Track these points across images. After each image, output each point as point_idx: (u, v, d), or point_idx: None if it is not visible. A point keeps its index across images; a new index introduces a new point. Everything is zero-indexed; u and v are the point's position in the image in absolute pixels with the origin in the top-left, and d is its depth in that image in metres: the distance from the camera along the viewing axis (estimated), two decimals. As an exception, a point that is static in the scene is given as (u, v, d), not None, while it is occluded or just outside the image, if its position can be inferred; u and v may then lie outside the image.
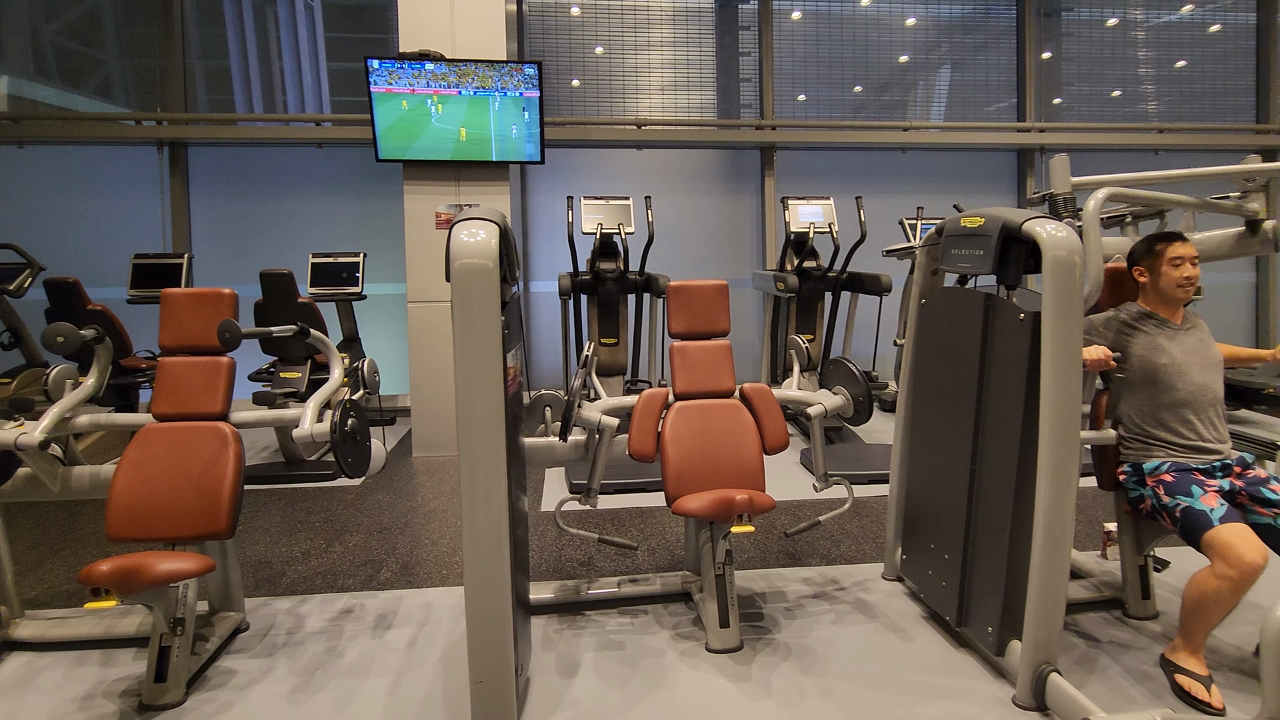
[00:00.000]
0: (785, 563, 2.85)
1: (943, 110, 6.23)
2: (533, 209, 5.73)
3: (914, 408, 2.45)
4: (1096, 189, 1.90)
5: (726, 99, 6.05)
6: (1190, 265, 2.10)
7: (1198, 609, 1.92)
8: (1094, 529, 3.05)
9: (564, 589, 2.50)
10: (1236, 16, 6.31)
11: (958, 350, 2.17)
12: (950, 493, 2.22)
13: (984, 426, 2.08)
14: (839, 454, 3.98)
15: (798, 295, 4.63)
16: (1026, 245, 1.91)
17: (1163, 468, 2.08)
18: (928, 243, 2.32)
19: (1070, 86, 6.31)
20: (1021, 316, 1.88)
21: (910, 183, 5.91)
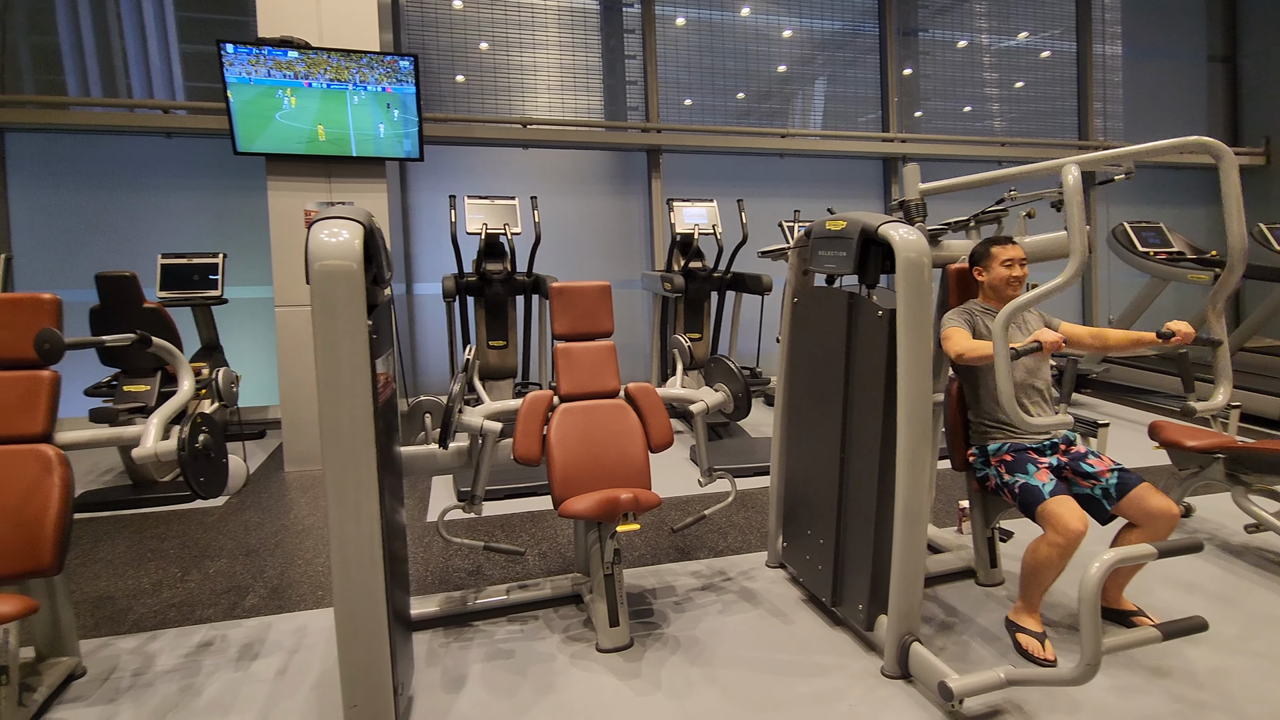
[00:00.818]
0: (675, 558, 2.90)
1: (819, 119, 6.58)
2: (415, 208, 5.51)
3: (790, 402, 2.57)
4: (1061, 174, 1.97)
5: (614, 101, 6.09)
6: (1019, 266, 2.34)
7: (1034, 573, 2.14)
8: (952, 507, 3.33)
9: (450, 601, 2.41)
10: (1063, 44, 7.10)
11: (826, 346, 2.30)
12: (823, 481, 2.35)
13: (851, 417, 2.22)
14: (726, 449, 4.11)
15: (685, 295, 4.74)
16: (883, 247, 2.05)
17: (1003, 449, 2.30)
18: (798, 245, 2.44)
19: (928, 101, 6.86)
20: (879, 314, 2.02)
21: (788, 187, 6.21)
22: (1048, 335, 2.03)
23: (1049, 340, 2.02)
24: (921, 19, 6.75)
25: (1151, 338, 2.23)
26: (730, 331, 5.06)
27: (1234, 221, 2.08)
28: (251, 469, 4.24)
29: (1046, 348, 2.03)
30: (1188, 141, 2.08)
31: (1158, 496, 2.13)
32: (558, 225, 5.71)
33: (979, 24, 6.89)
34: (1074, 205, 1.91)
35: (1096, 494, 2.21)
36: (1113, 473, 2.20)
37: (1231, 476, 2.81)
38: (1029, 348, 2.01)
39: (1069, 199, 1.91)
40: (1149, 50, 7.27)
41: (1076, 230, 1.88)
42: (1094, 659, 1.63)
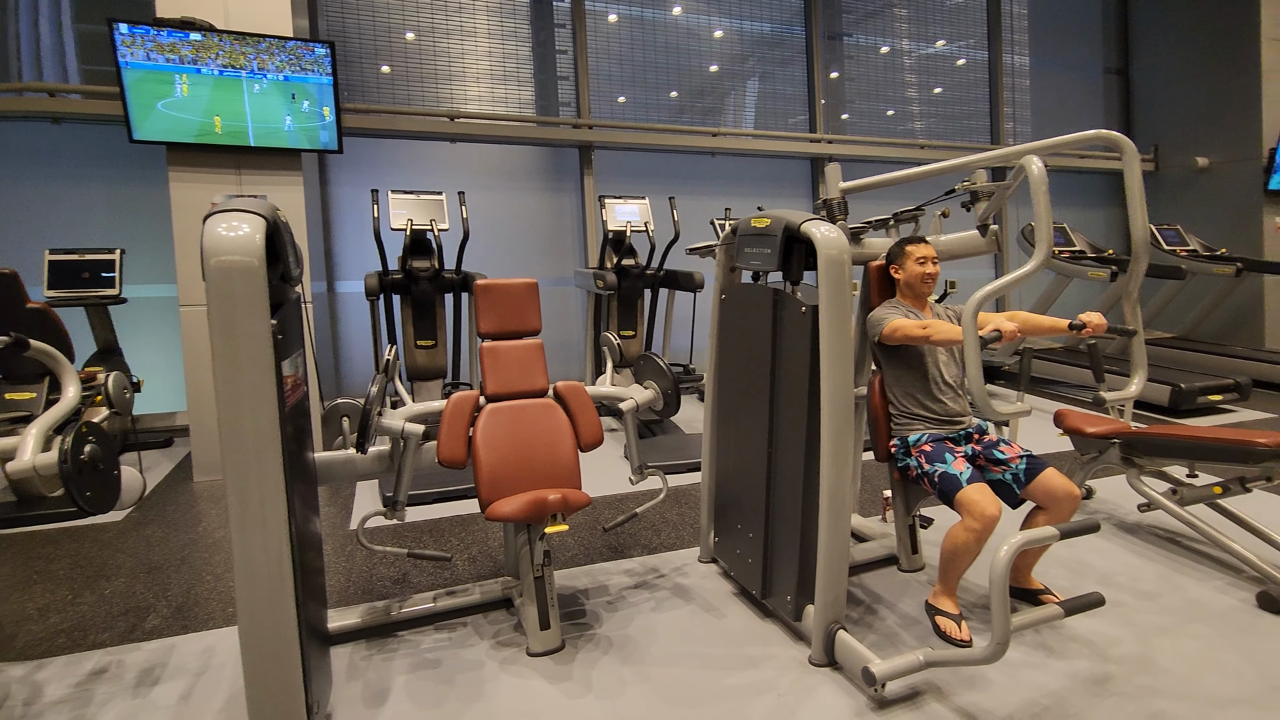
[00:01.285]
0: (609, 556, 2.88)
1: (751, 119, 6.69)
2: (337, 203, 5.28)
3: (719, 398, 2.59)
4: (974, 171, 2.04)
5: (545, 96, 6.01)
6: (931, 264, 2.43)
7: (952, 558, 2.23)
8: (877, 496, 3.44)
9: (372, 611, 2.32)
10: (977, 53, 7.46)
11: (753, 342, 2.33)
12: (752, 475, 2.37)
13: (777, 411, 2.25)
14: (660, 445, 4.12)
15: (618, 293, 4.73)
16: (805, 244, 2.09)
17: (922, 439, 2.38)
18: (725, 242, 2.46)
19: (853, 103, 7.08)
20: (803, 309, 2.05)
21: (720, 185, 6.29)
22: (1008, 325, 2.11)
23: (1009, 329, 2.10)
24: (846, 24, 6.95)
25: (1063, 326, 2.35)
26: (664, 328, 5.08)
27: (1137, 213, 2.21)
28: (156, 480, 3.97)
29: (1007, 336, 2.11)
30: (1093, 135, 2.20)
31: (1061, 480, 2.25)
32: (489, 221, 5.59)
33: (900, 31, 7.15)
34: (1040, 194, 1.97)
35: (1007, 479, 2.32)
36: (1021, 459, 2.32)
37: (1126, 460, 3.00)
38: (991, 335, 2.07)
39: (1035, 188, 1.96)
40: (1053, 61, 7.73)
41: (1043, 218, 1.94)
42: (1003, 639, 1.71)
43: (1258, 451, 2.56)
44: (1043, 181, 1.91)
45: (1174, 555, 2.82)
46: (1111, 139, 2.13)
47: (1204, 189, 7.18)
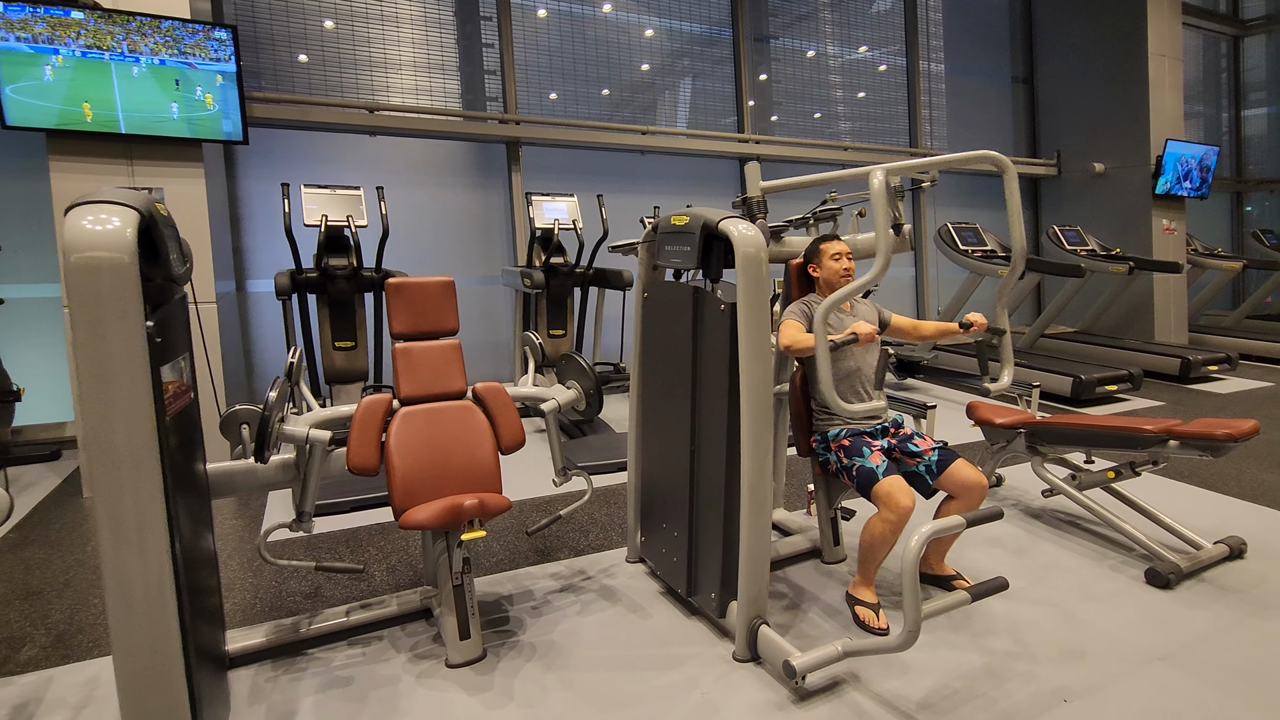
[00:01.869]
0: (534, 560, 2.82)
1: (685, 119, 6.72)
2: (247, 197, 4.99)
3: (644, 396, 2.57)
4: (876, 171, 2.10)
5: (472, 90, 5.86)
6: (847, 260, 2.49)
7: (870, 549, 2.28)
8: (802, 490, 3.50)
9: (279, 629, 2.18)
10: (897, 59, 7.73)
11: (675, 340, 2.32)
12: (676, 473, 2.37)
13: (700, 409, 2.25)
14: (590, 445, 4.08)
15: (547, 291, 4.65)
16: (724, 242, 2.09)
17: (841, 434, 2.43)
18: (646, 240, 2.44)
19: (780, 104, 7.22)
20: (722, 307, 2.06)
21: (650, 184, 6.29)
22: (864, 327, 2.18)
23: (865, 332, 2.18)
24: (773, 27, 7.08)
25: (955, 327, 2.49)
26: (594, 327, 5.04)
27: (1015, 226, 2.35)
28: (39, 496, 3.65)
29: (863, 339, 2.18)
30: (978, 155, 2.33)
31: (970, 470, 2.34)
32: (414, 219, 5.41)
33: (826, 36, 7.34)
34: (879, 206, 2.03)
35: (921, 471, 2.40)
36: (934, 451, 2.40)
37: (1031, 448, 3.17)
38: (846, 339, 2.14)
39: (874, 201, 2.03)
40: (966, 69, 8.11)
41: (881, 230, 2.00)
42: (915, 626, 1.75)
43: (1145, 438, 2.74)
44: (881, 194, 1.96)
45: (1074, 537, 2.98)
46: (994, 159, 2.26)
47: (1101, 193, 7.69)
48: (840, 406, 2.02)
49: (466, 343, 2.45)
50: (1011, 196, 2.24)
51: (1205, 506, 3.30)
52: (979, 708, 1.89)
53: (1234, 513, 3.24)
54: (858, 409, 2.05)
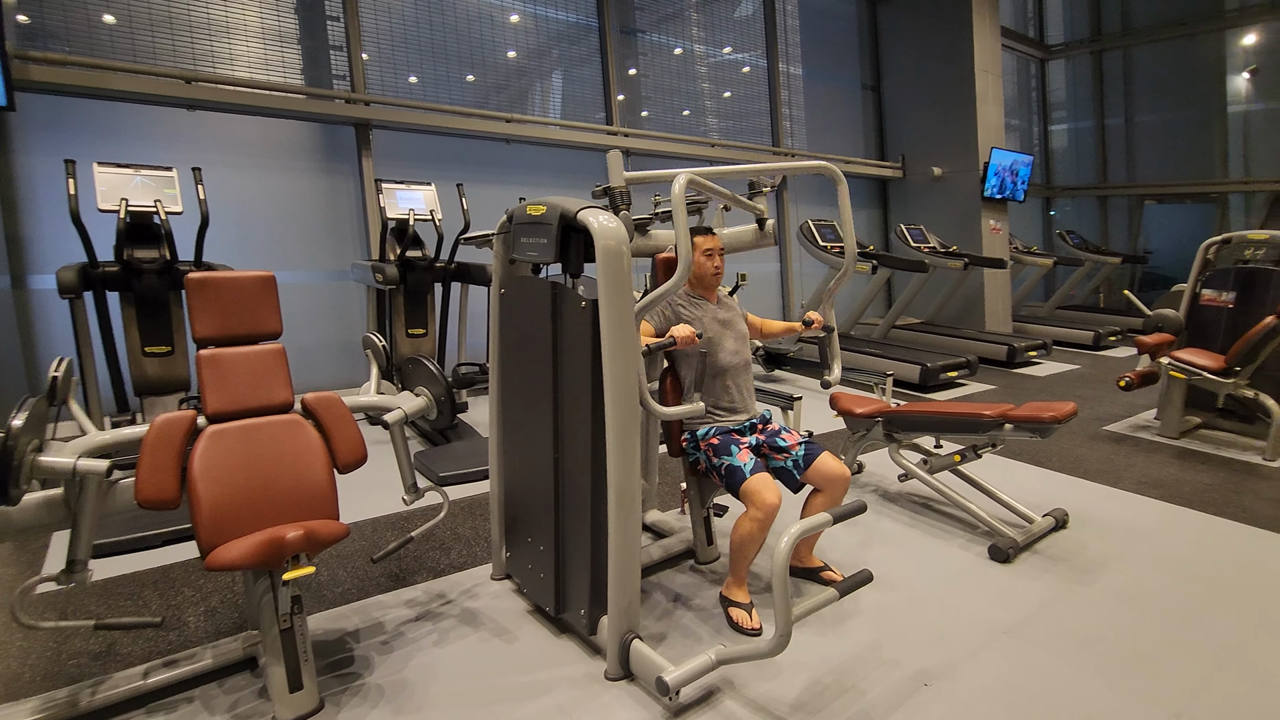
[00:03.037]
0: (388, 586, 2.54)
1: (557, 110, 6.50)
2: (27, 176, 4.18)
3: (504, 400, 2.38)
4: (676, 177, 2.02)
5: (316, 66, 5.31)
6: (718, 256, 2.44)
7: (740, 548, 2.24)
8: (677, 490, 3.45)
9: (51, 704, 1.78)
10: (759, 61, 7.96)
11: (535, 339, 2.15)
12: (540, 482, 2.20)
13: (562, 413, 2.09)
14: (454, 452, 3.80)
15: (404, 287, 4.30)
16: (584, 234, 1.94)
17: (710, 433, 2.37)
18: (501, 231, 2.24)
19: (649, 99, 7.19)
20: (582, 304, 1.91)
21: (517, 175, 6.03)
22: (681, 330, 2.16)
23: (682, 335, 2.16)
24: (641, 23, 7.03)
25: (800, 326, 2.56)
26: (459, 325, 4.73)
27: (847, 234, 2.45)
28: None
29: (681, 343, 2.16)
30: (814, 165, 2.44)
31: (834, 463, 2.36)
32: (248, 206, 4.81)
33: (692, 35, 7.40)
34: (678, 212, 1.89)
35: (789, 465, 2.39)
36: (800, 445, 2.40)
37: (888, 436, 3.31)
38: (662, 344, 2.10)
39: (675, 207, 1.90)
40: (822, 74, 8.51)
41: (682, 235, 1.89)
42: (786, 630, 1.71)
43: (984, 422, 2.92)
44: (681, 201, 1.90)
45: (928, 518, 3.14)
46: (827, 169, 2.37)
47: (940, 194, 8.37)
48: (654, 409, 1.95)
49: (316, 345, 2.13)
50: (844, 205, 2.35)
51: (1034, 481, 3.61)
52: (849, 701, 1.89)
53: (1056, 485, 3.57)
54: (672, 412, 2.00)
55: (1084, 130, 10.97)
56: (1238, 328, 4.42)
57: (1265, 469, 3.86)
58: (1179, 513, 3.22)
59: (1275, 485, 3.60)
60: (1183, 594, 2.48)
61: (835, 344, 2.62)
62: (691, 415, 2.10)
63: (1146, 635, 2.22)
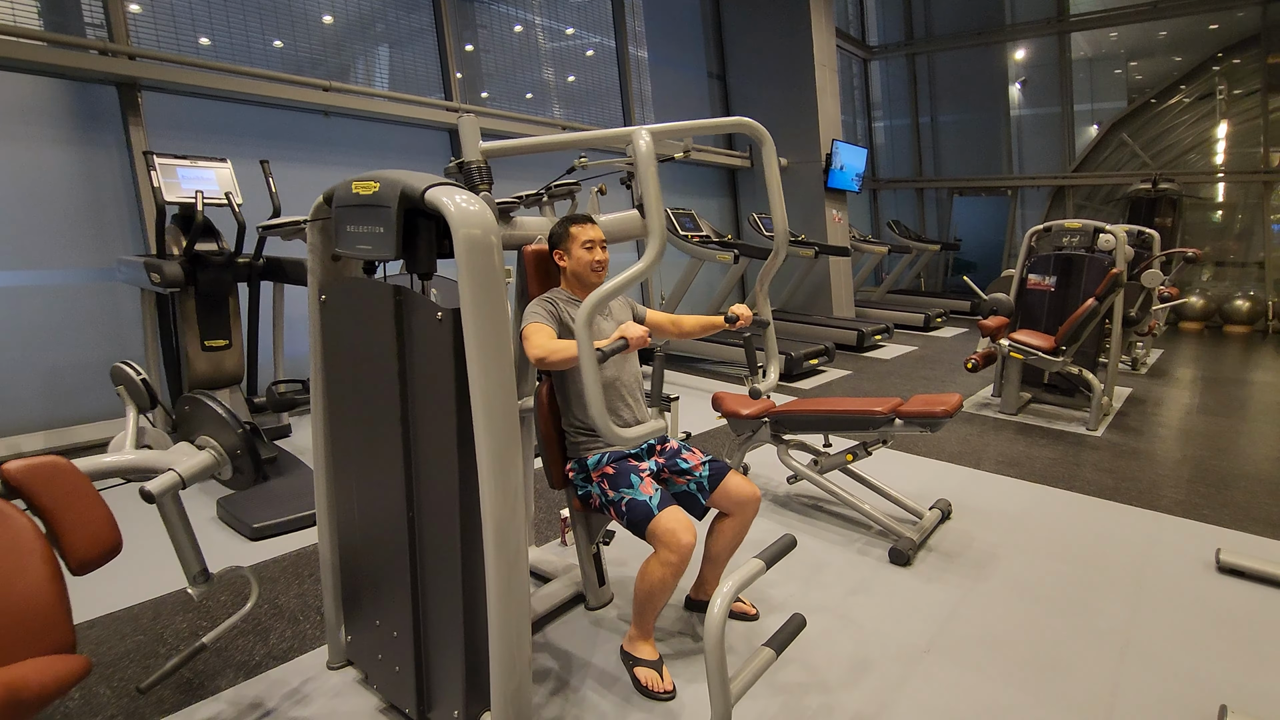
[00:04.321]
0: (177, 703, 1.87)
1: (384, 82, 5.66)
2: None
3: (334, 436, 1.81)
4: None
5: (60, 10, 4.13)
6: (600, 249, 2.04)
7: (648, 598, 1.88)
8: (553, 516, 3.02)
9: None
10: (608, 41, 7.59)
11: (374, 359, 1.62)
12: (389, 542, 1.68)
13: (416, 451, 1.59)
14: (274, 494, 3.06)
15: (196, 289, 3.43)
16: (436, 220, 1.46)
17: (604, 460, 1.98)
18: (317, 216, 1.67)
19: (491, 78, 6.57)
20: (439, 316, 1.43)
21: (340, 153, 5.19)
22: (633, 330, 1.73)
23: (635, 336, 1.73)
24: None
25: (720, 321, 2.20)
26: (274, 336, 3.91)
27: (776, 207, 2.13)
28: None
29: (633, 344, 1.73)
30: (737, 121, 2.07)
31: (743, 483, 2.07)
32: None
33: (538, 9, 6.86)
34: (648, 176, 1.62)
35: (692, 489, 2.07)
36: (704, 465, 2.09)
37: (775, 436, 3.12)
38: (615, 346, 1.69)
39: (642, 169, 1.61)
40: (670, 60, 8.35)
41: (654, 208, 1.59)
42: (725, 713, 1.37)
43: (876, 419, 2.80)
44: (650, 160, 1.58)
45: (822, 523, 2.99)
46: (751, 126, 2.04)
47: (787, 184, 8.56)
48: (614, 434, 1.54)
49: (73, 366, 1.37)
50: (771, 172, 2.01)
51: (905, 469, 3.63)
52: (788, 775, 1.60)
53: (927, 472, 3.61)
54: (635, 433, 1.61)
55: (900, 127, 11.89)
56: (1059, 310, 4.82)
57: (1091, 439, 4.21)
58: (1038, 491, 3.36)
59: (1103, 454, 3.92)
60: (1065, 580, 2.50)
61: (773, 341, 2.29)
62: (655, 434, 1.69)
63: (1048, 632, 2.18)
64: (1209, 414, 4.81)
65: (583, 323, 1.47)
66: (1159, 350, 7.16)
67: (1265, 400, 5.25)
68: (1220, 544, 2.76)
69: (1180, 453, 3.96)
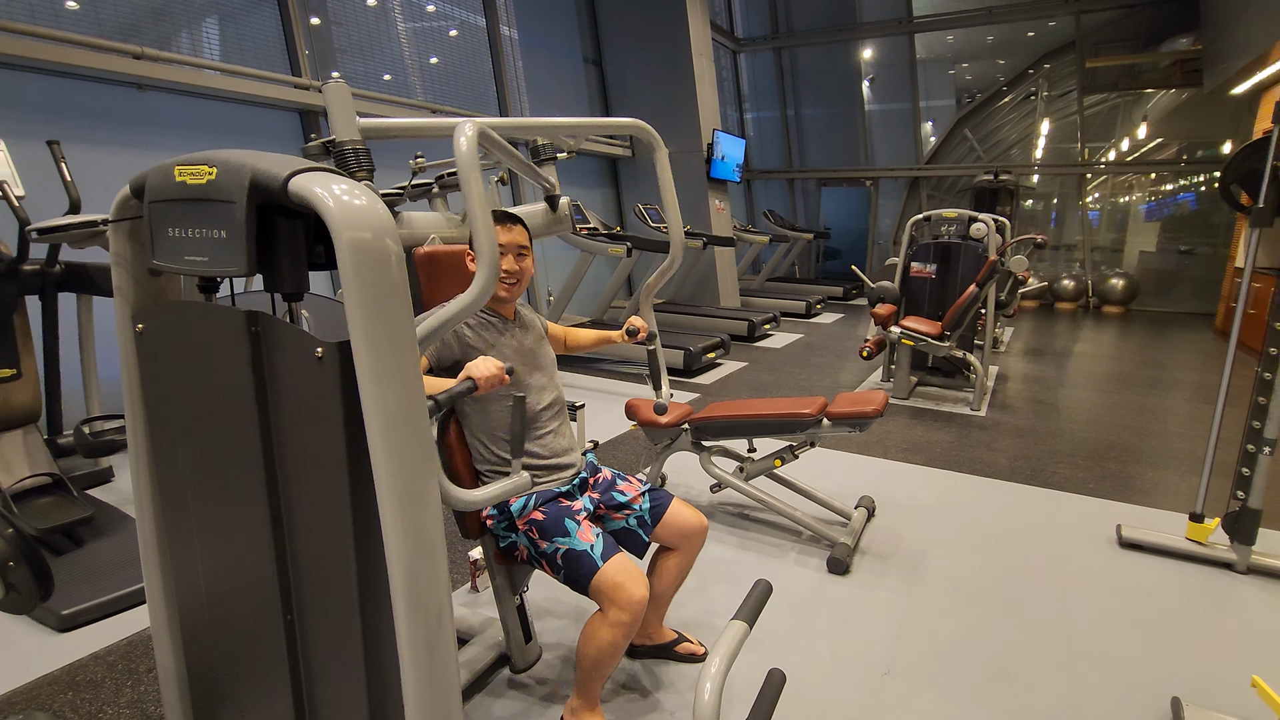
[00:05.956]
0: None
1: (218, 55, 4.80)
2: None
3: (164, 490, 1.35)
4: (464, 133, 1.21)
5: None
6: (514, 257, 1.70)
7: (596, 665, 1.58)
8: (458, 555, 2.63)
9: None
10: (477, 19, 7.03)
11: (220, 408, 1.19)
12: (252, 619, 1.27)
13: (290, 508, 1.19)
14: (93, 561, 2.41)
15: (-39, 307, 2.65)
16: (304, 219, 1.07)
17: (531, 504, 1.66)
18: (122, 214, 1.20)
19: (345, 54, 5.85)
20: (318, 352, 1.04)
21: (161, 136, 4.35)
22: (482, 369, 1.38)
23: (484, 375, 1.38)
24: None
25: (620, 336, 2.00)
26: (82, 361, 3.16)
27: (671, 211, 1.98)
28: None
29: (484, 386, 1.40)
30: (630, 123, 1.91)
31: (690, 513, 1.83)
32: None
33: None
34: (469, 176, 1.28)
35: (632, 524, 1.80)
36: (644, 496, 1.82)
37: (696, 444, 2.92)
38: (459, 391, 1.35)
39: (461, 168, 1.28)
40: (542, 42, 7.92)
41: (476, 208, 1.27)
42: (723, 826, 1.12)
43: (804, 421, 2.67)
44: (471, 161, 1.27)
45: (751, 533, 2.83)
46: (643, 129, 1.87)
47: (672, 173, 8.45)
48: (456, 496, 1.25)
49: None
50: (664, 178, 1.85)
51: (818, 463, 3.56)
52: None
53: (841, 465, 3.57)
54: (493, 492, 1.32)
55: (769, 119, 12.21)
56: (940, 296, 5.02)
57: (977, 419, 4.40)
58: (944, 478, 3.41)
59: (990, 434, 4.10)
60: (993, 573, 2.51)
61: (661, 355, 2.09)
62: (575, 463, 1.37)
63: (995, 635, 2.14)
64: (1065, 387, 5.24)
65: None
66: (1011, 329, 7.81)
67: (1103, 370, 5.81)
68: (1112, 518, 2.91)
69: (1053, 426, 4.23)
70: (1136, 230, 10.07)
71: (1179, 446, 3.88)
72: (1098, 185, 10.34)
